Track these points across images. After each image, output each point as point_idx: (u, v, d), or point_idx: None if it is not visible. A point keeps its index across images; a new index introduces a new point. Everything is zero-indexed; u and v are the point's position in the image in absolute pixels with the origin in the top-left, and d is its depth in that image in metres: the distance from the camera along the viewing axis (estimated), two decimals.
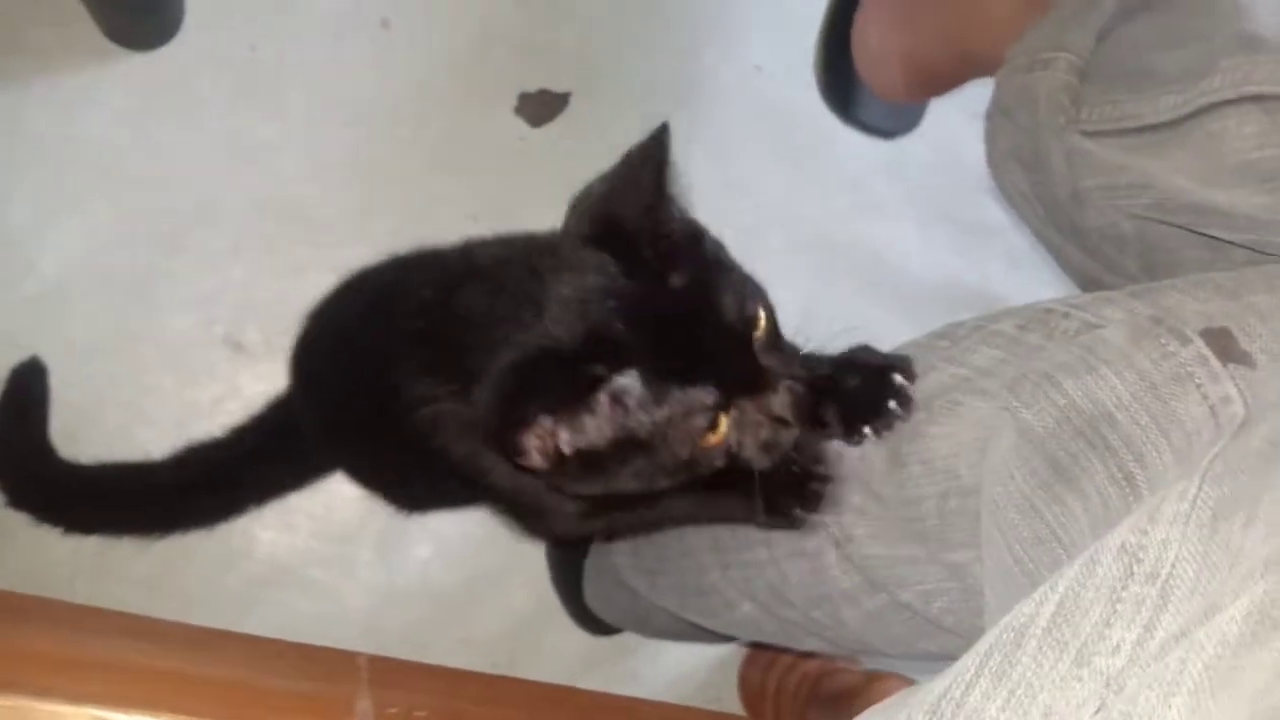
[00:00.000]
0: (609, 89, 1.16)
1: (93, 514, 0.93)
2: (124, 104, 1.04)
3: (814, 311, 1.26)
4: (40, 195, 1.01)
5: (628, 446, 0.55)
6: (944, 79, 1.03)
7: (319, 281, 1.03)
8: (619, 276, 0.56)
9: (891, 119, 1.21)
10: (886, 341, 0.70)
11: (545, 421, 0.54)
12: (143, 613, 0.98)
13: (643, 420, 0.55)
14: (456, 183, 1.10)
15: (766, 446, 0.58)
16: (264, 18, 1.08)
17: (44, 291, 1.00)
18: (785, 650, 1.06)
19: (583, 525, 0.71)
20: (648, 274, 0.56)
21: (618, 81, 1.16)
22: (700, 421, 0.55)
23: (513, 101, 1.12)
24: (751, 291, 0.59)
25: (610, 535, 0.88)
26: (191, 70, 1.05)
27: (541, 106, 1.12)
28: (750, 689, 1.13)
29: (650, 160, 0.56)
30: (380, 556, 1.06)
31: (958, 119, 1.25)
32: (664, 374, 0.54)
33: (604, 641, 1.12)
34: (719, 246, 0.62)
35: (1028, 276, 1.28)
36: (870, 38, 1.09)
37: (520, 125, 1.12)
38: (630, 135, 1.26)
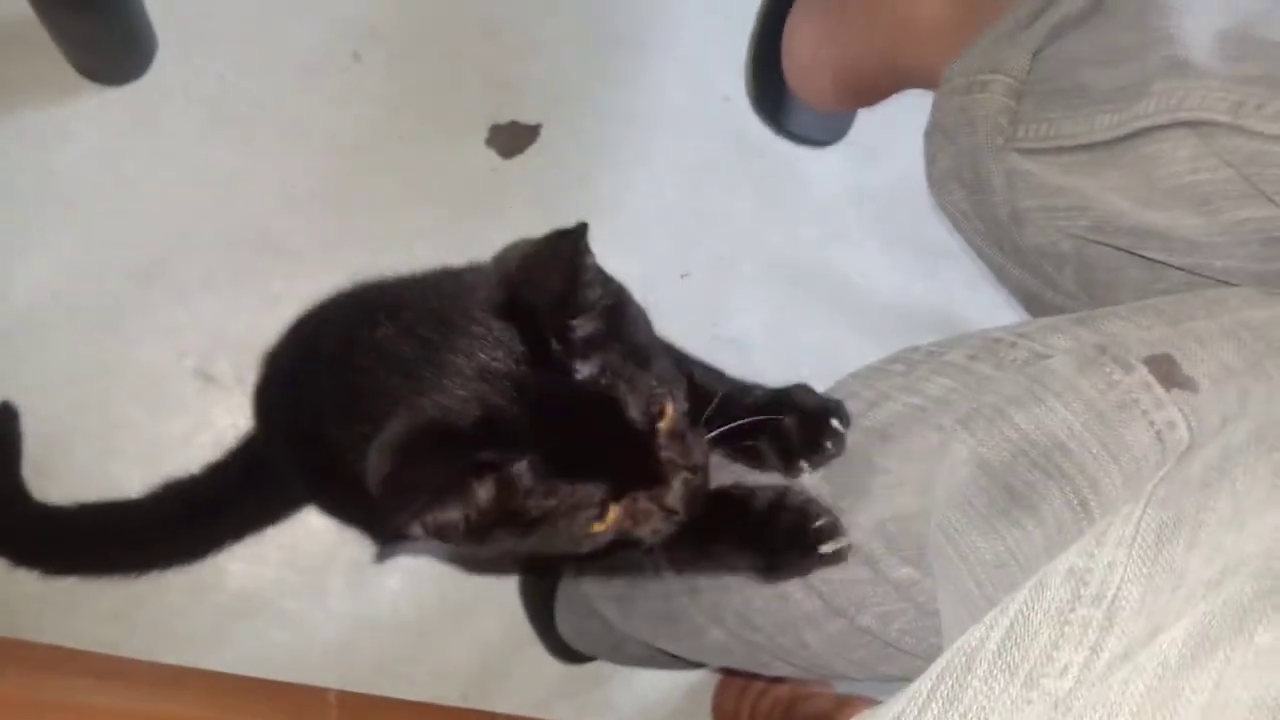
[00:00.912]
0: (579, 120, 1.17)
1: (70, 556, 0.92)
2: (95, 138, 1.04)
3: (782, 335, 1.27)
4: (9, 228, 1.01)
5: (518, 522, 0.56)
6: (874, 90, 1.04)
7: (291, 313, 1.03)
8: (522, 361, 0.56)
9: (822, 128, 1.22)
10: (852, 362, 0.72)
11: (430, 509, 0.54)
12: (113, 648, 0.97)
13: (530, 505, 0.55)
14: (428, 214, 1.10)
15: (654, 532, 0.59)
16: (235, 51, 1.09)
17: (13, 325, 0.99)
18: (756, 676, 1.06)
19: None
20: (552, 362, 0.56)
21: (588, 113, 1.18)
22: (588, 514, 0.56)
23: (484, 133, 1.14)
24: (664, 379, 0.59)
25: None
26: (163, 103, 1.06)
27: (512, 138, 1.13)
28: (723, 715, 1.14)
29: (564, 258, 0.55)
30: (351, 587, 1.06)
31: (918, 145, 1.28)
32: (555, 467, 0.55)
33: (577, 670, 1.12)
34: (642, 321, 0.63)
35: (989, 298, 1.30)
36: (800, 48, 1.10)
37: (492, 156, 1.13)
38: (600, 166, 1.28)
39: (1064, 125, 0.63)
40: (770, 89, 1.17)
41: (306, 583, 1.05)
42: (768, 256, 1.24)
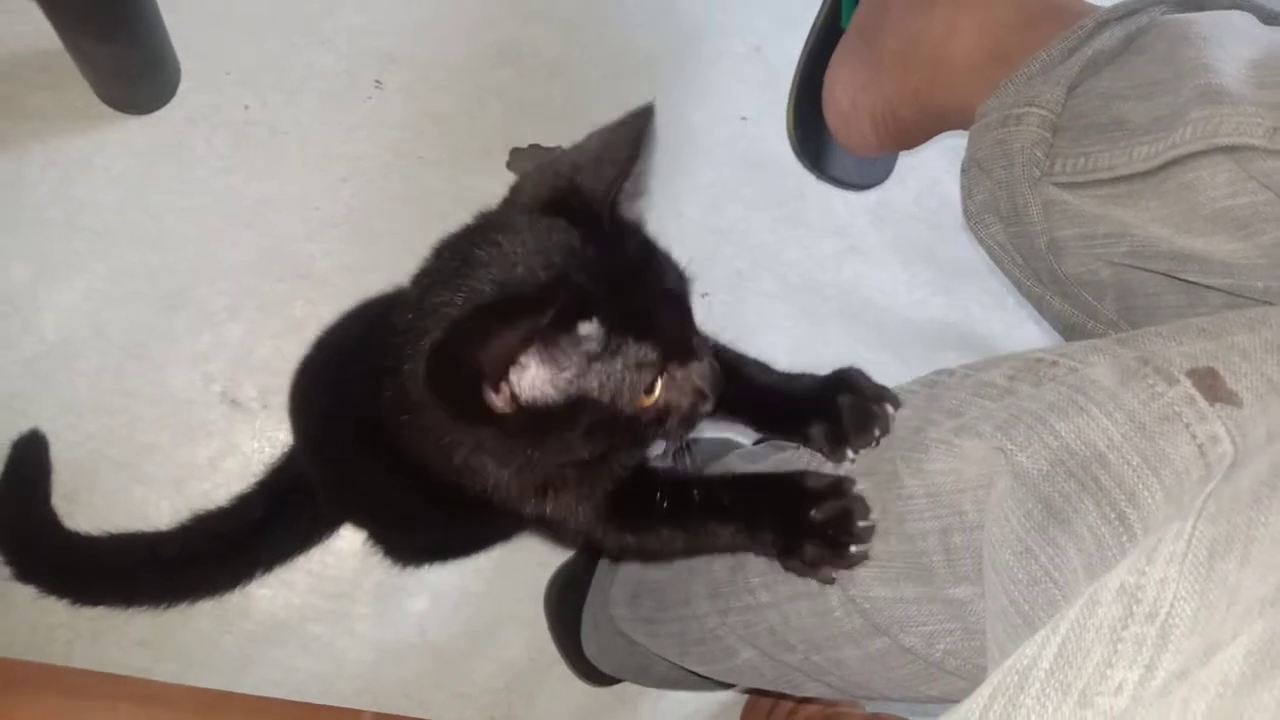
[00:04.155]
0: None
1: (101, 585, 0.93)
2: (122, 166, 1.05)
3: (802, 352, 1.27)
4: (38, 257, 1.02)
5: (579, 404, 0.57)
6: (914, 134, 1.06)
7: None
8: (578, 239, 0.58)
9: (864, 172, 1.24)
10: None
11: (515, 348, 0.54)
12: (143, 675, 0.97)
13: (597, 371, 0.56)
14: None
15: (685, 420, 0.62)
16: (259, 79, 1.10)
17: (42, 352, 1.00)
18: (785, 696, 1.06)
19: (618, 539, 0.71)
20: (604, 241, 0.59)
21: None
22: (645, 376, 0.58)
23: (504, 157, 1.14)
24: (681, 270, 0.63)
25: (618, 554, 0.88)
26: (188, 131, 1.07)
27: (533, 161, 1.14)
28: None
29: (631, 139, 0.60)
30: (377, 610, 1.06)
31: (938, 161, 1.28)
32: (619, 327, 0.56)
33: (602, 692, 1.12)
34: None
35: (1009, 314, 1.30)
36: (840, 97, 1.12)
37: (512, 180, 1.14)
38: None
39: (1102, 158, 0.63)
40: (812, 136, 1.19)
41: (333, 608, 1.05)
42: (787, 273, 1.24)
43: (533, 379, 0.56)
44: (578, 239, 0.58)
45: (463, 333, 0.55)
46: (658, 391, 0.59)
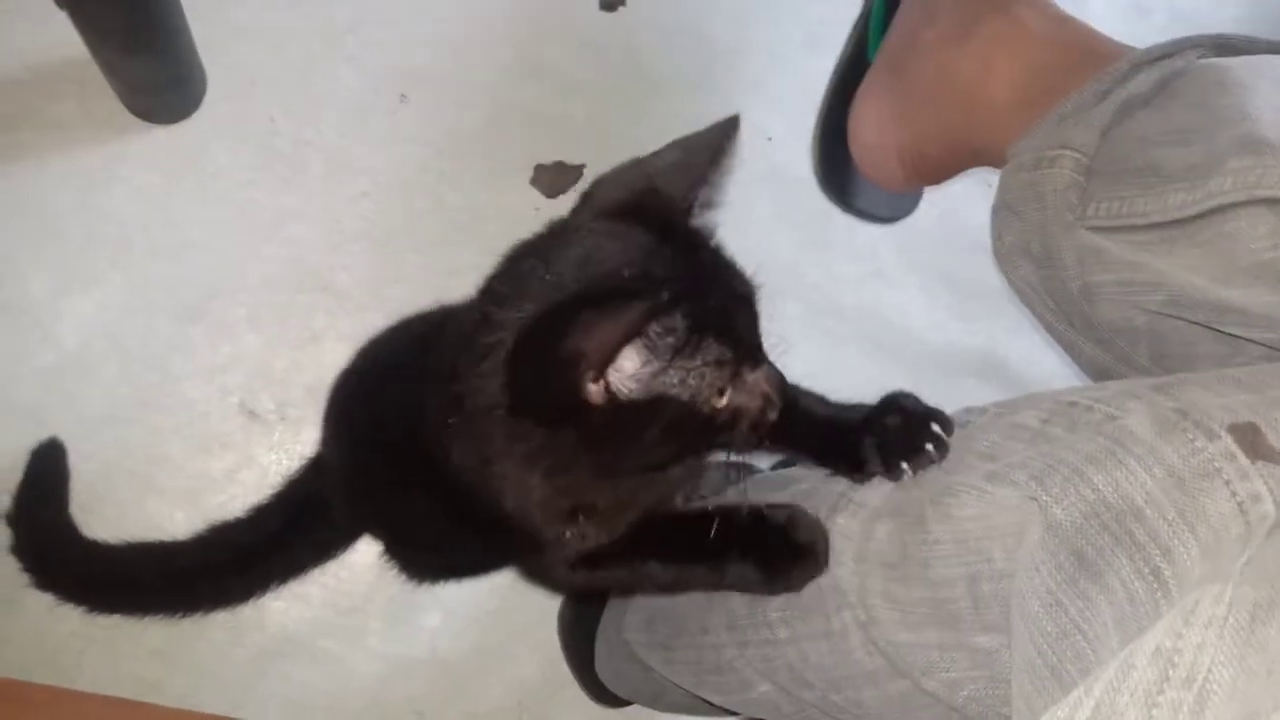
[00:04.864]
0: (623, 159, 1.17)
1: (117, 594, 0.93)
2: (144, 177, 1.05)
3: (821, 376, 1.27)
4: (58, 267, 1.02)
5: (660, 402, 0.57)
6: (942, 170, 1.04)
7: (334, 350, 1.04)
8: (654, 242, 0.58)
9: (889, 206, 1.23)
10: None
11: (619, 337, 0.53)
12: (154, 686, 0.97)
13: (679, 367, 0.56)
14: (473, 252, 1.09)
15: (755, 425, 0.61)
16: (284, 91, 1.10)
17: (61, 363, 1.00)
18: None
19: (570, 577, 0.71)
20: (679, 246, 0.59)
21: (631, 152, 1.17)
22: (722, 376, 0.58)
23: (529, 173, 1.14)
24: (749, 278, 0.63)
25: (597, 591, 0.89)
26: (212, 142, 1.07)
27: (557, 177, 1.14)
28: None
29: (713, 147, 0.61)
30: (389, 626, 1.06)
31: (960, 185, 1.27)
32: (700, 324, 0.56)
33: (614, 714, 1.11)
34: None
35: (1029, 339, 1.29)
36: (867, 130, 1.10)
37: (536, 196, 1.14)
38: None
39: (1136, 204, 0.62)
40: (837, 168, 1.17)
41: (346, 623, 1.04)
42: (807, 295, 1.23)
43: (628, 371, 0.56)
44: (654, 242, 0.58)
45: (560, 321, 0.55)
46: (729, 394, 0.59)
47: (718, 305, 0.58)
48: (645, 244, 0.58)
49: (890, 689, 0.64)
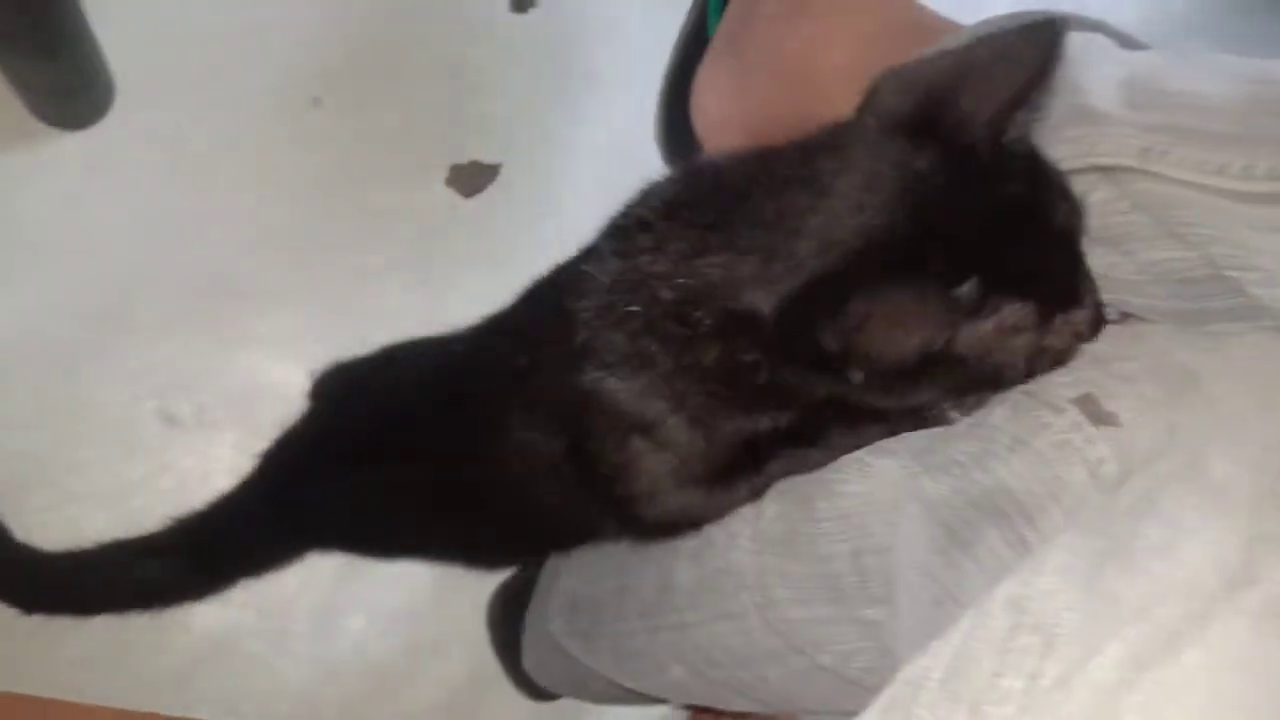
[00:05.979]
0: (542, 157, 1.18)
1: (53, 594, 0.91)
2: (55, 183, 1.04)
3: None
4: None
5: (941, 360, 0.51)
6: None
7: (251, 354, 1.04)
8: (944, 175, 0.50)
9: None
10: None
11: (901, 314, 0.48)
12: (79, 694, 0.96)
13: (967, 332, 0.51)
14: (390, 254, 1.11)
15: (1058, 357, 0.53)
16: (195, 96, 1.09)
17: None
18: (720, 712, 1.06)
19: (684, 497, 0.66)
20: (980, 176, 0.51)
21: (550, 150, 1.19)
22: (1020, 341, 0.52)
23: (444, 173, 1.14)
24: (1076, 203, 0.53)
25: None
26: (123, 148, 1.06)
27: (473, 177, 1.14)
28: None
29: (1034, 54, 0.51)
30: (315, 628, 1.05)
31: None
32: (997, 286, 0.50)
33: (545, 707, 1.12)
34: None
35: None
36: (708, 105, 1.09)
37: (452, 196, 1.14)
38: (564, 202, 1.27)
39: None
40: (681, 143, 1.13)
41: (270, 625, 1.04)
42: None
43: (900, 351, 0.50)
44: (944, 175, 0.50)
45: (823, 302, 0.49)
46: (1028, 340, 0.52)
47: (1022, 256, 0.50)
48: (929, 180, 0.50)
49: (791, 665, 0.66)
